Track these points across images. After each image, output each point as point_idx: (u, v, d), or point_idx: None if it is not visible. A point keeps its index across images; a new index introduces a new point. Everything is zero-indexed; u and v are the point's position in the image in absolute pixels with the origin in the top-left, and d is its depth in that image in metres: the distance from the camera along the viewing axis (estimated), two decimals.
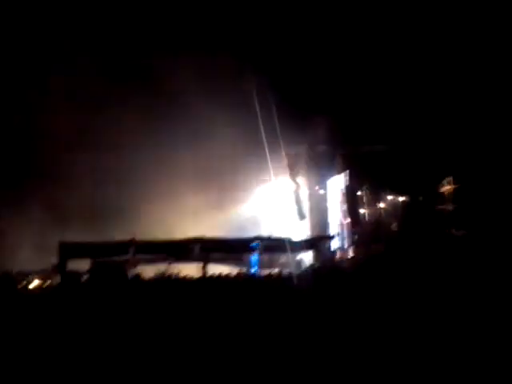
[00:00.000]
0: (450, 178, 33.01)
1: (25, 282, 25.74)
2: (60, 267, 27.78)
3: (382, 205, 37.37)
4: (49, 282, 26.71)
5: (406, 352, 11.18)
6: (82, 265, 27.49)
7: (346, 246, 35.47)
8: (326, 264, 30.20)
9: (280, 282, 22.18)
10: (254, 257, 30.78)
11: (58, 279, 26.78)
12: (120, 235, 29.24)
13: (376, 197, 36.96)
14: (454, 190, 32.81)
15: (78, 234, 29.12)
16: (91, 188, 31.88)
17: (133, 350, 12.31)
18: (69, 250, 28.53)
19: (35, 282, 26.36)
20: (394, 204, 37.01)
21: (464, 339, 11.85)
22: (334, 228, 36.69)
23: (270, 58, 33.30)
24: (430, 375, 10.13)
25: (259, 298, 16.82)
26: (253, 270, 29.78)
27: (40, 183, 31.78)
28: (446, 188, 33.40)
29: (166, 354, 11.90)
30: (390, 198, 37.13)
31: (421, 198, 34.75)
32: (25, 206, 30.62)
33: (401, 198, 36.57)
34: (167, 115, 32.76)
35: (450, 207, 32.88)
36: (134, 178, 31.75)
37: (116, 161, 32.10)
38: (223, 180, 33.46)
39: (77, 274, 26.35)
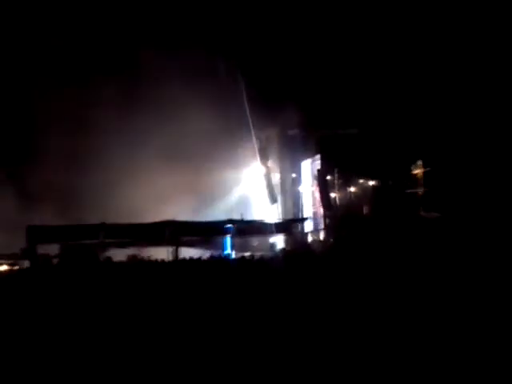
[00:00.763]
0: (420, 162, 33.33)
1: None
2: (29, 251, 27.38)
3: (353, 188, 37.59)
4: (18, 266, 26.39)
5: (371, 331, 11.27)
6: (51, 249, 27.26)
7: (317, 229, 35.65)
8: (298, 247, 30.36)
9: (252, 264, 22.22)
10: (227, 240, 30.78)
11: (27, 263, 26.45)
12: (90, 218, 28.94)
13: (347, 180, 37.16)
14: (424, 173, 33.16)
15: (47, 218, 28.75)
16: (61, 170, 31.47)
17: (104, 332, 12.24)
18: (38, 234, 28.12)
19: (3, 266, 26.02)
20: (365, 187, 37.25)
21: (433, 318, 11.96)
22: (305, 211, 36.84)
23: (241, 43, 33.17)
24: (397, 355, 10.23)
25: (231, 281, 16.83)
26: (225, 253, 29.78)
27: (8, 166, 31.36)
28: (417, 171, 33.71)
29: (136, 336, 11.84)
30: (361, 181, 37.36)
31: (391, 182, 35.04)
32: None
33: (372, 182, 36.82)
34: (139, 99, 32.54)
35: (420, 190, 33.24)
36: (105, 160, 31.42)
37: (87, 143, 31.79)
38: (195, 163, 33.31)
39: (46, 258, 26.10)
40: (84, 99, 31.72)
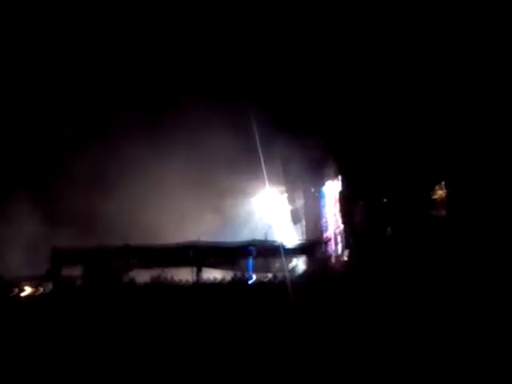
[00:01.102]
0: (443, 184, 33.09)
1: (18, 289, 25.65)
2: (53, 273, 27.64)
3: (376, 210, 37.36)
4: (42, 288, 26.62)
5: (395, 356, 11.23)
6: (75, 270, 27.51)
7: (340, 250, 35.45)
8: (320, 269, 30.23)
9: (274, 287, 22.24)
10: (249, 261, 30.77)
11: (51, 285, 26.71)
12: (114, 240, 29.16)
13: (370, 202, 36.95)
14: (447, 195, 32.89)
15: (71, 240, 29.03)
16: (85, 192, 31.82)
17: (128, 352, 12.35)
18: (62, 256, 28.36)
19: (28, 289, 26.25)
20: (388, 209, 37.01)
21: (458, 343, 11.90)
22: (328, 232, 36.68)
23: (264, 74, 33.42)
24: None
25: (253, 303, 16.85)
26: (247, 275, 29.77)
27: (33, 189, 31.76)
28: (439, 194, 33.46)
29: (159, 357, 11.94)
30: (384, 202, 37.13)
31: (415, 203, 34.79)
32: (17, 212, 30.53)
33: (395, 203, 36.58)
34: (163, 124, 32.86)
35: (442, 213, 32.93)
36: (128, 182, 31.72)
37: (110, 166, 32.13)
38: (218, 185, 33.46)
39: (71, 280, 26.32)
40: (108, 125, 32.14)
